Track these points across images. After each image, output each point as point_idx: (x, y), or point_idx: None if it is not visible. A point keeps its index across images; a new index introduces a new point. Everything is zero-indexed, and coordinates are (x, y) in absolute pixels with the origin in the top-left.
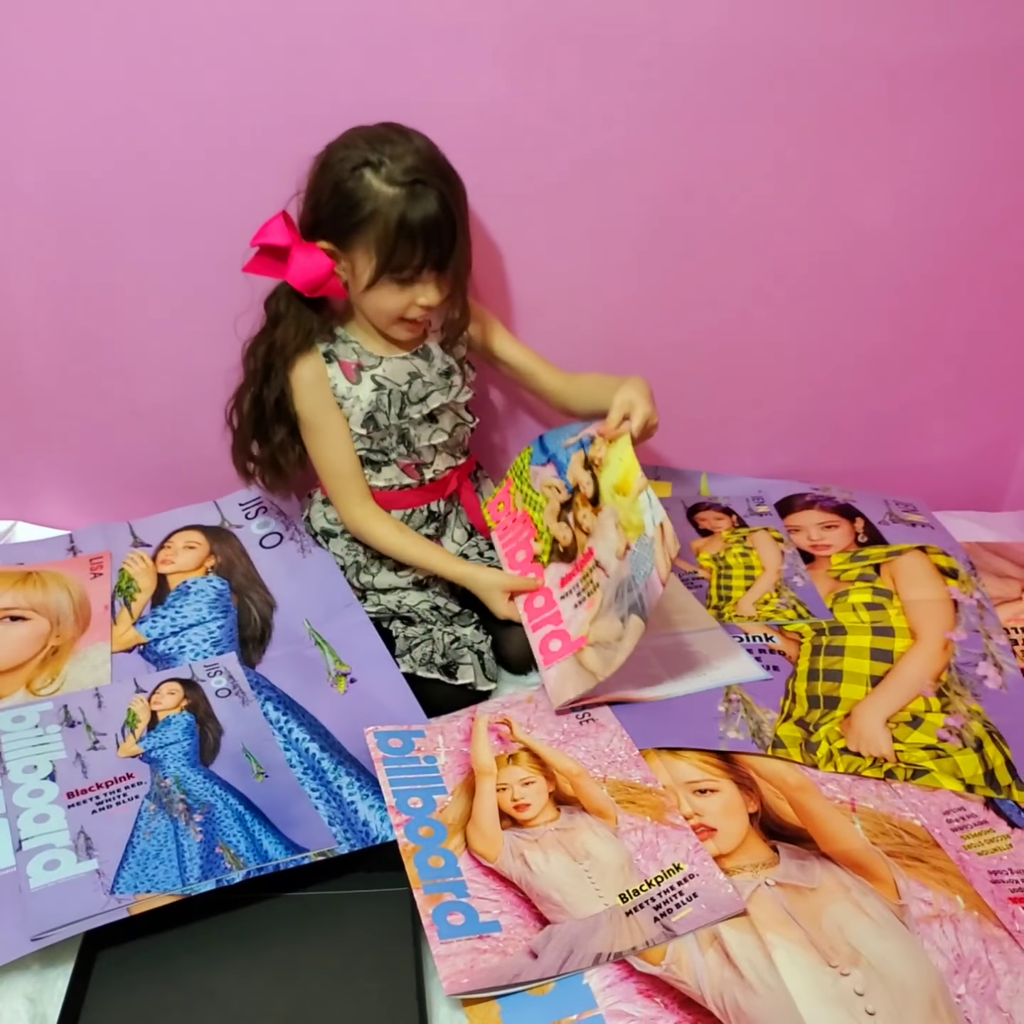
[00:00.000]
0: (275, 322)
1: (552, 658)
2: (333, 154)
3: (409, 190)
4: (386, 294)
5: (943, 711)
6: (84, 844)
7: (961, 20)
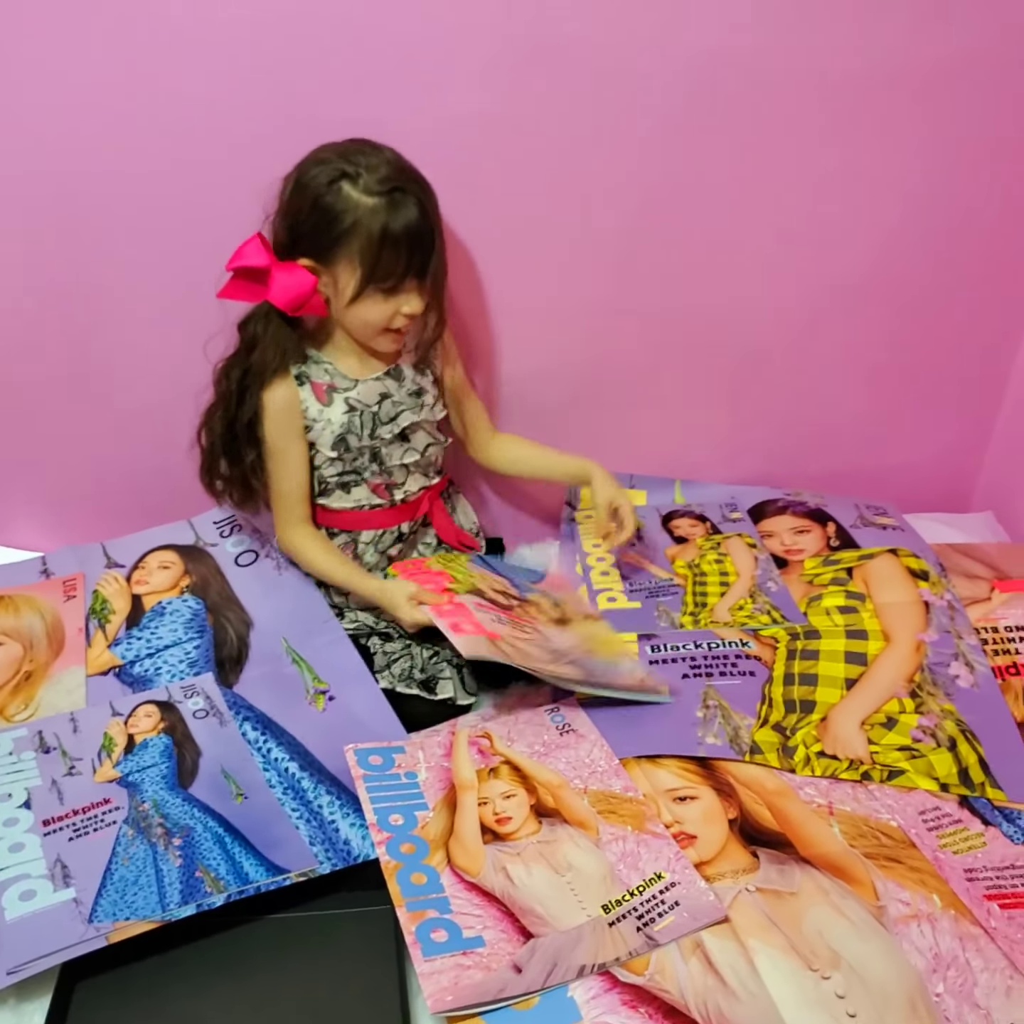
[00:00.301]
0: (251, 345)
1: (462, 632)
2: (306, 171)
3: (389, 199)
4: (371, 305)
5: (917, 711)
6: (61, 873)
7: (933, 32)
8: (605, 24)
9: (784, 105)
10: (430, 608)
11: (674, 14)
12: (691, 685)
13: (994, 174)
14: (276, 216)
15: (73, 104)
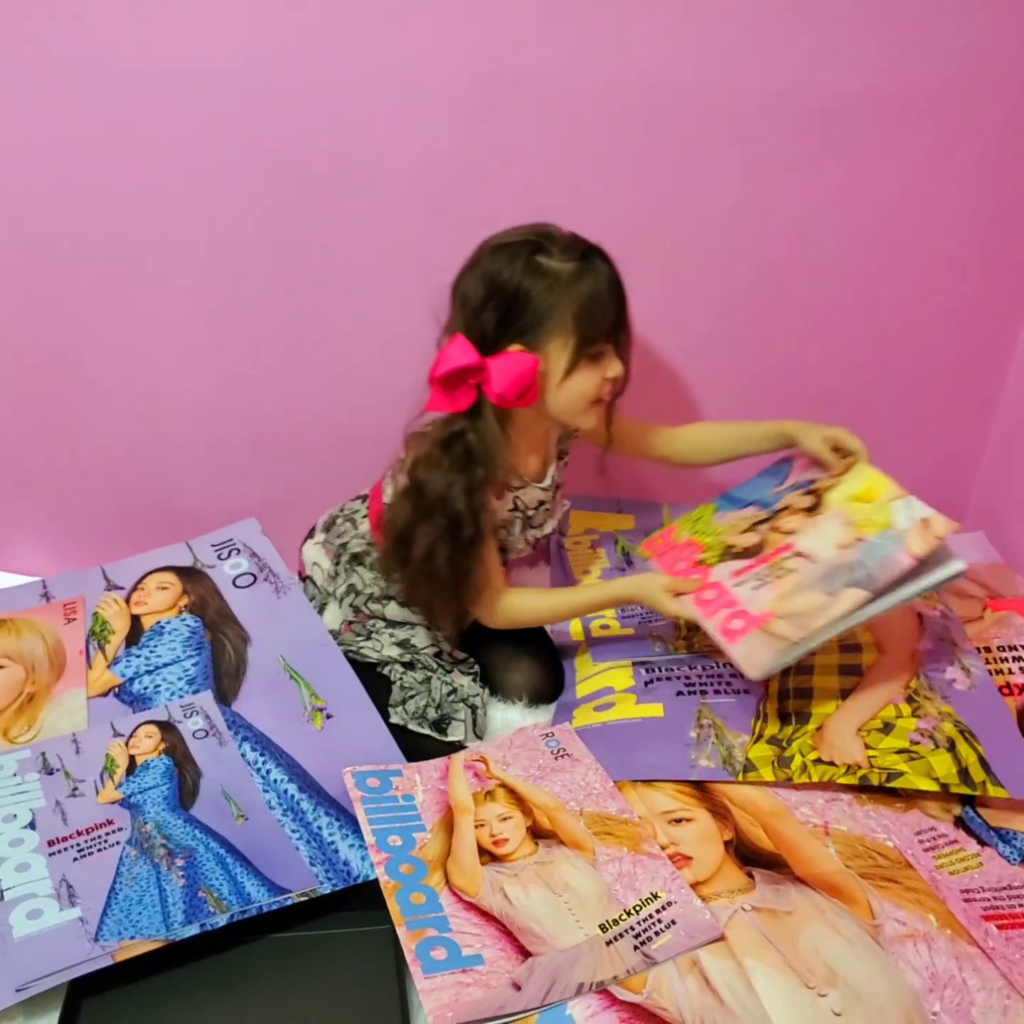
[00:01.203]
0: (471, 457)
1: (735, 635)
2: (493, 263)
3: (587, 262)
4: (583, 375)
5: (914, 715)
6: (66, 892)
7: (897, 61)
8: (584, 56)
9: (754, 135)
10: (693, 603)
11: (656, 42)
12: (685, 703)
13: (986, 196)
14: (467, 316)
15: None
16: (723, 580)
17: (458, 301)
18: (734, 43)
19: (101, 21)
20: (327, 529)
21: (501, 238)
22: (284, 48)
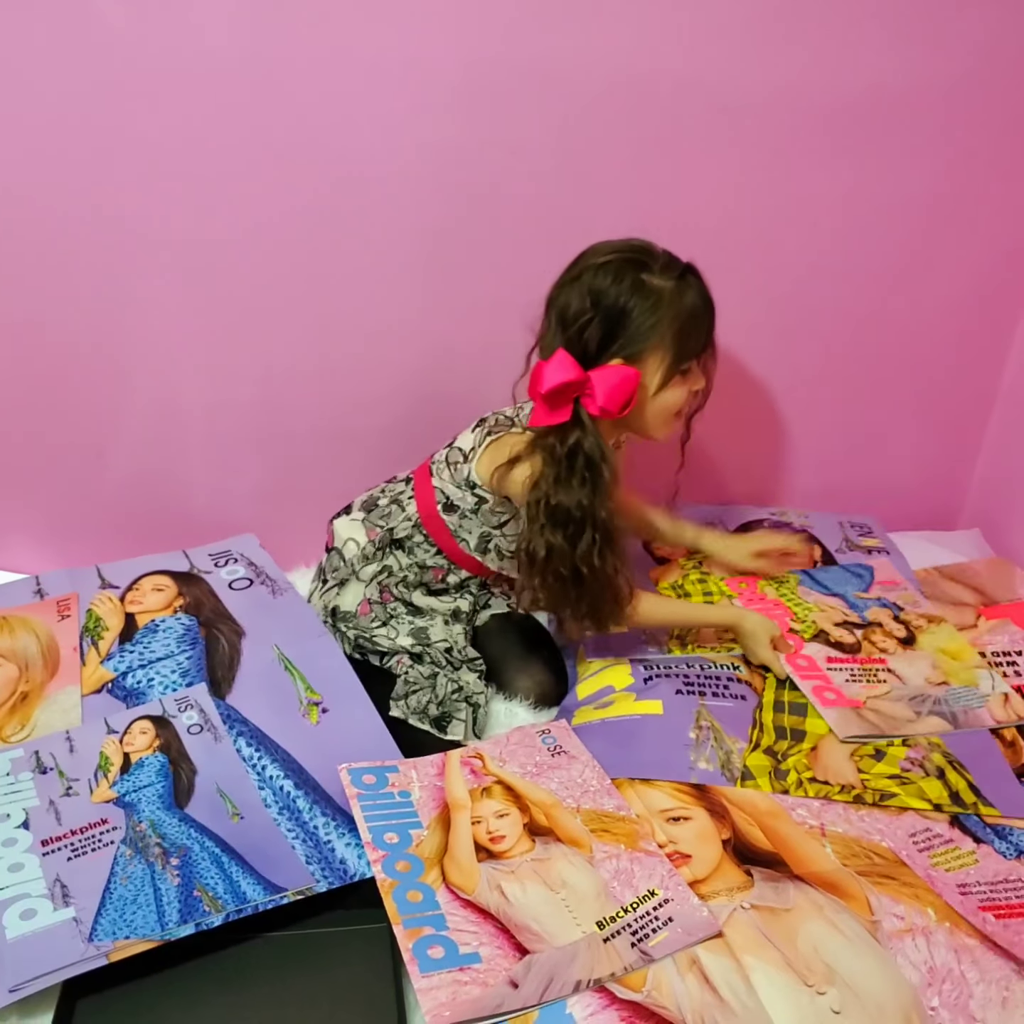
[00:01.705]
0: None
1: (828, 703)
2: (598, 279)
3: (682, 280)
4: (674, 390)
5: (904, 744)
6: (60, 892)
7: (899, 60)
8: (587, 48)
9: (755, 129)
10: (786, 662)
11: (649, 38)
12: (685, 702)
13: (981, 201)
14: (568, 331)
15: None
16: (816, 658)
17: (557, 315)
18: (740, 36)
19: (96, 8)
20: (368, 509)
21: (603, 255)
22: (283, 37)
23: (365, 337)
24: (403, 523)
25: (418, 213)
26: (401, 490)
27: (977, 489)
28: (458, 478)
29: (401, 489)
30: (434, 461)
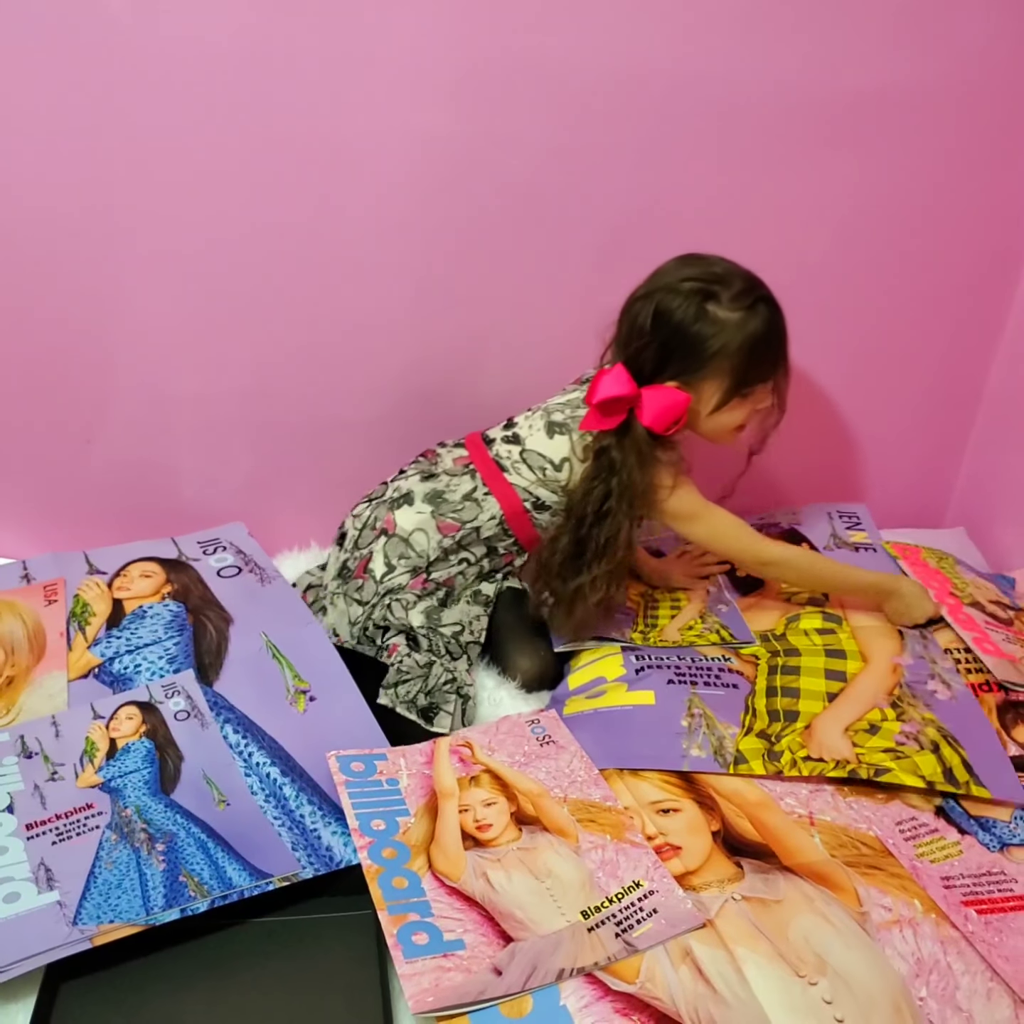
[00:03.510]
0: (612, 470)
1: (987, 652)
2: (664, 300)
3: (750, 312)
4: (733, 413)
5: (898, 719)
6: (45, 876)
7: (892, 58)
8: (584, 45)
9: (752, 128)
10: (948, 614)
11: (649, 33)
12: (676, 691)
13: (971, 203)
14: (631, 346)
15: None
16: (975, 618)
17: (626, 328)
18: (740, 35)
19: None
20: (434, 502)
21: (679, 277)
22: (282, 28)
23: (356, 328)
24: (488, 522)
25: (413, 206)
26: (472, 487)
27: (963, 488)
28: (551, 485)
29: (471, 486)
30: (501, 456)
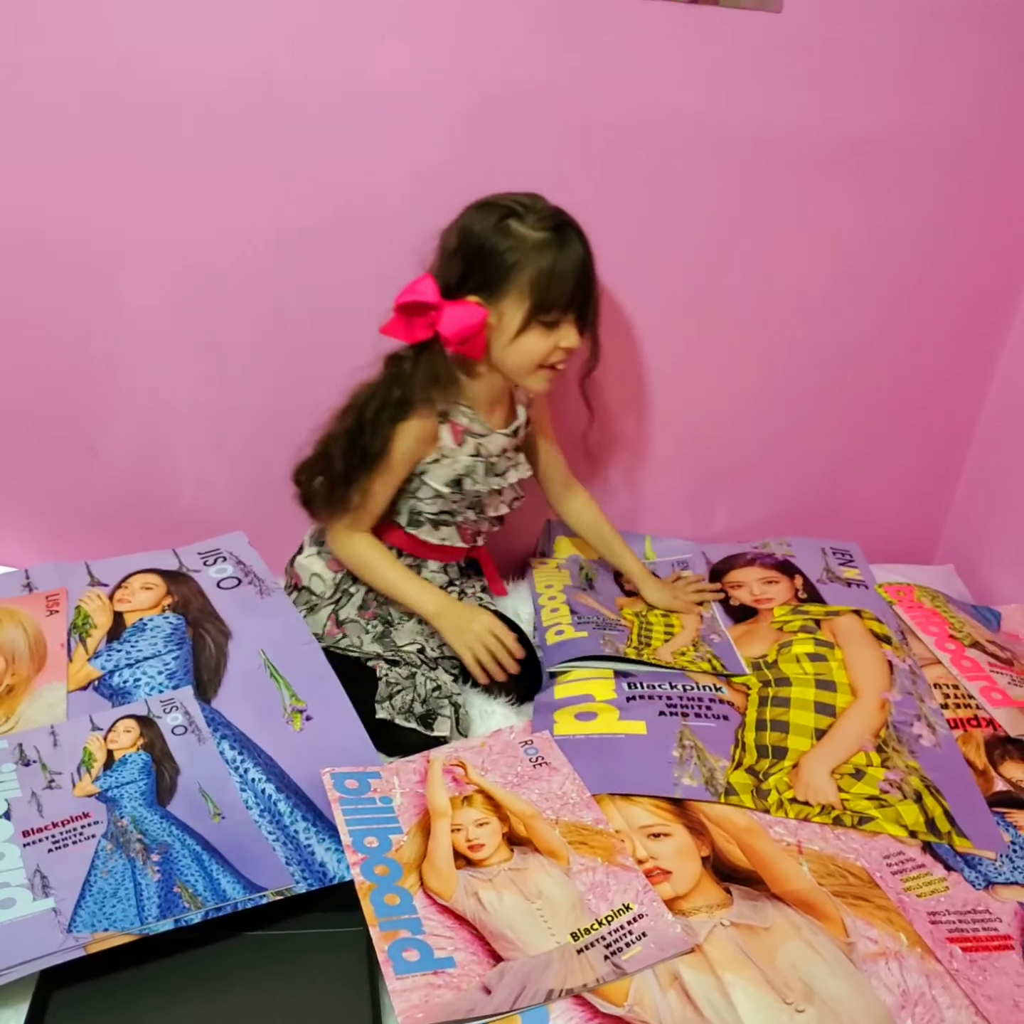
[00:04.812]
0: (397, 381)
1: (997, 703)
2: (471, 216)
3: (556, 234)
4: (534, 339)
5: (883, 766)
6: (40, 883)
7: (905, 104)
8: (596, 80)
9: (760, 170)
10: (952, 664)
11: (650, 75)
12: (667, 723)
13: (961, 231)
14: (440, 262)
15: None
16: (979, 661)
17: (439, 247)
18: (765, 76)
19: (109, 22)
20: (320, 542)
21: (487, 198)
22: (295, 57)
23: (360, 345)
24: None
25: (420, 232)
26: None
27: (953, 526)
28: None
29: None
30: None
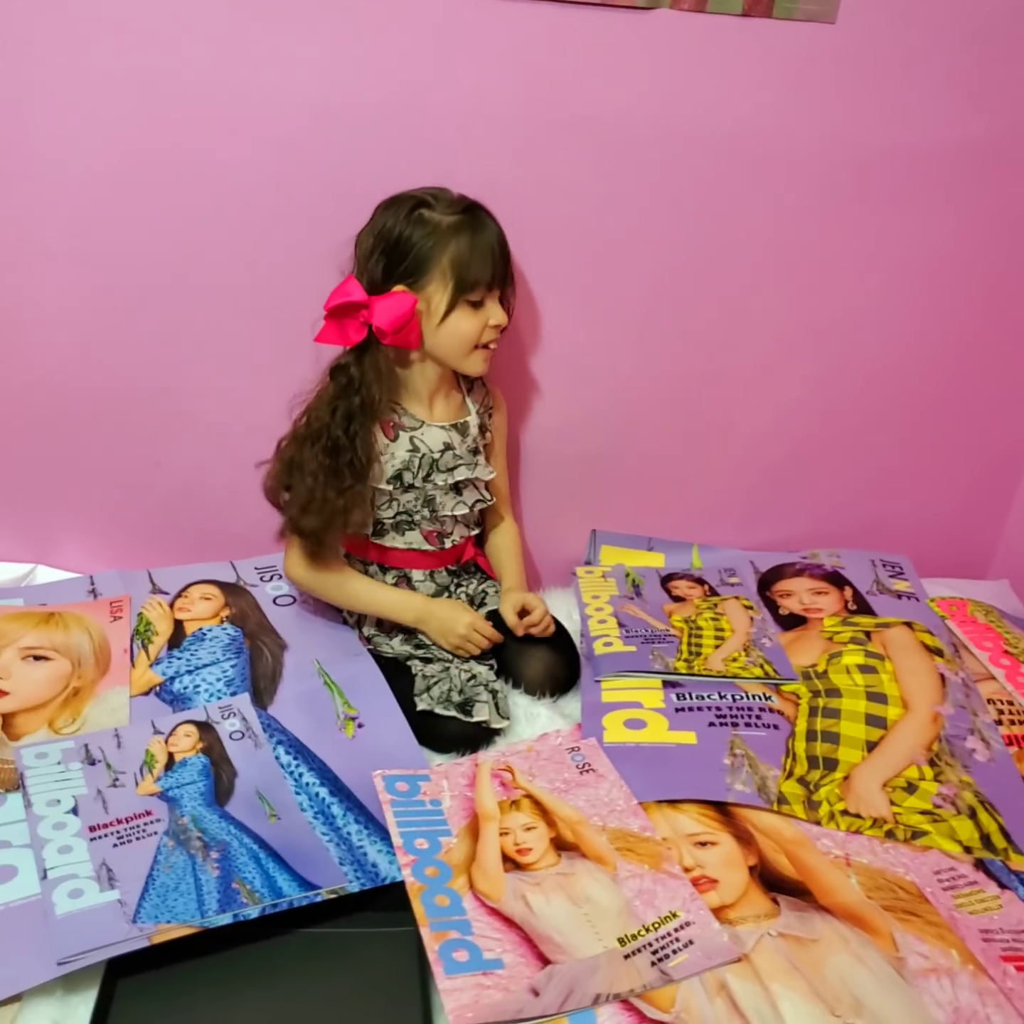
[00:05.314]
0: (352, 387)
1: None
2: (381, 215)
3: (467, 216)
4: (462, 319)
5: (936, 780)
6: (106, 875)
7: (926, 120)
8: (638, 100)
9: (809, 185)
10: (1007, 680)
11: (704, 91)
12: (717, 733)
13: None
14: (360, 264)
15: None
16: None
17: (356, 251)
18: (800, 88)
19: (173, 41)
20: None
21: (393, 197)
22: (355, 79)
23: None
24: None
25: None
26: None
27: (1008, 540)
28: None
29: None
30: None
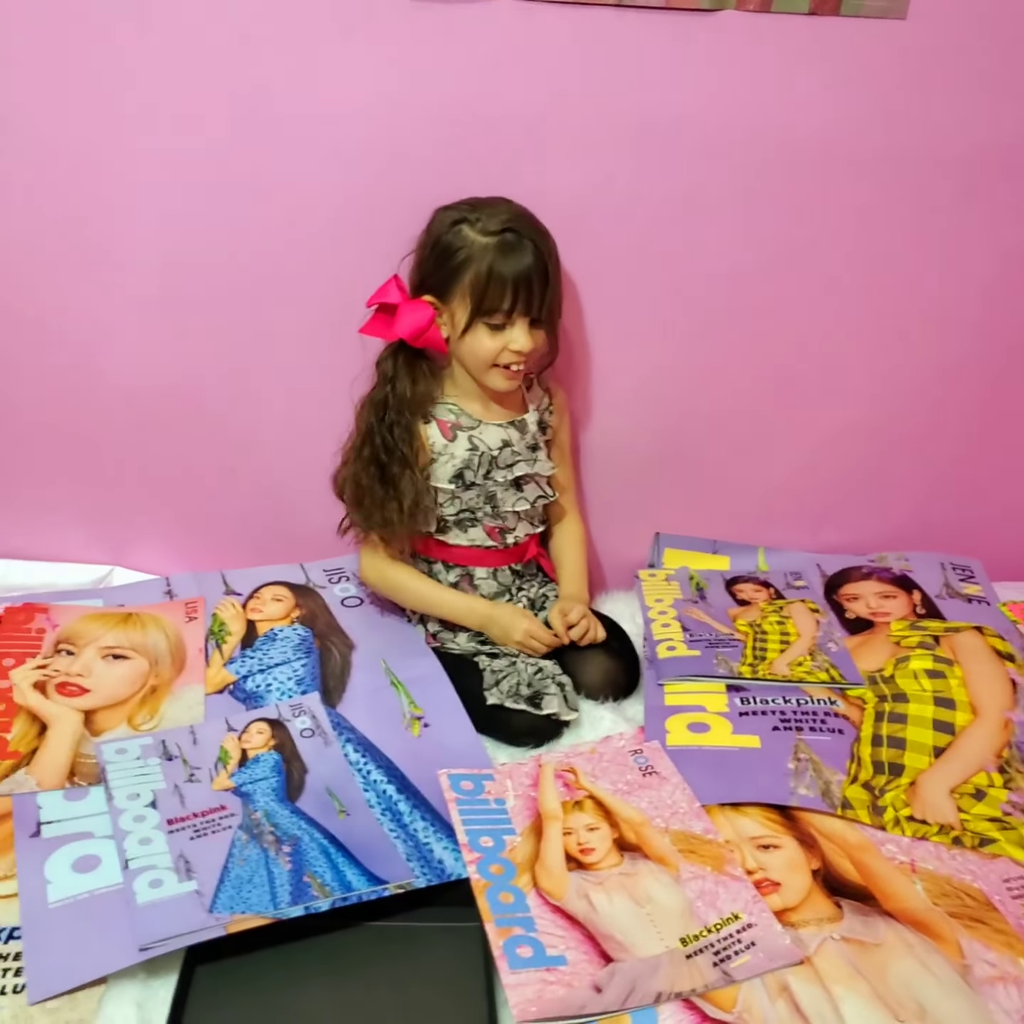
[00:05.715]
0: (389, 379)
1: None
2: (436, 216)
3: (501, 239)
4: (481, 338)
5: (1006, 787)
6: (184, 867)
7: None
8: (686, 102)
9: (892, 181)
10: None
11: (769, 98)
12: (782, 738)
13: None
14: (413, 262)
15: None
16: None
17: (415, 247)
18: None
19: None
20: None
21: (458, 202)
22: (407, 87)
23: None
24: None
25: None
26: None
27: None
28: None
29: None
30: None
